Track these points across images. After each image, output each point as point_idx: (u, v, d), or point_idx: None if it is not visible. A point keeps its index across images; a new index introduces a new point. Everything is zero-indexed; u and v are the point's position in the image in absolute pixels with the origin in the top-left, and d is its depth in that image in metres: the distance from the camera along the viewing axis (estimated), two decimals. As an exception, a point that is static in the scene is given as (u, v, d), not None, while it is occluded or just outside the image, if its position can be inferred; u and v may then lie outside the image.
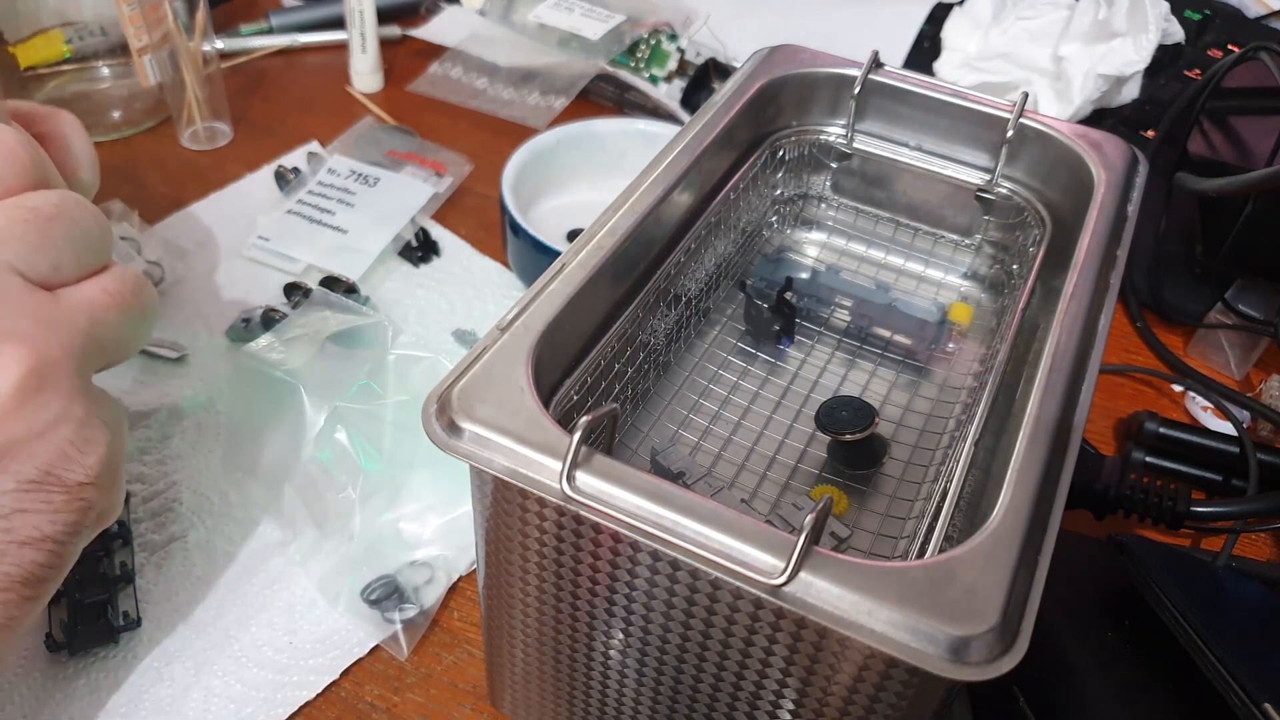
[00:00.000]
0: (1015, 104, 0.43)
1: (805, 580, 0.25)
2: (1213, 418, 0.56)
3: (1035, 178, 0.44)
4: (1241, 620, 0.38)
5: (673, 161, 0.39)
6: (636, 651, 0.31)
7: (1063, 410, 0.30)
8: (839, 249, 0.51)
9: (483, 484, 0.30)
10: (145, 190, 0.67)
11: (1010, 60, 0.74)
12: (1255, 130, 0.61)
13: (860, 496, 0.40)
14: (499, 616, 0.34)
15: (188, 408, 0.52)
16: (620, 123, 0.66)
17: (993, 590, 0.25)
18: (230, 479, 0.48)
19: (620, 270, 0.37)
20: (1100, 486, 0.46)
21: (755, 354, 0.46)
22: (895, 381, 0.45)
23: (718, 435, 0.42)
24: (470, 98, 0.79)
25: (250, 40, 0.83)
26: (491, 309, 0.60)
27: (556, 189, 0.65)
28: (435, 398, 0.29)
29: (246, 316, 0.58)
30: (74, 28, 0.70)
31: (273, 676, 0.42)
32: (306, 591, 0.45)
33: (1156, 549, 0.40)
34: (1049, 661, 0.35)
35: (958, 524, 0.34)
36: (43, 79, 0.71)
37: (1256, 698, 0.31)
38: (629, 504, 0.26)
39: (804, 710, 0.29)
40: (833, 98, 0.46)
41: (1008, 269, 0.47)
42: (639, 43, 0.79)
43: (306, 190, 0.66)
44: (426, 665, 0.43)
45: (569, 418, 0.34)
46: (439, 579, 0.45)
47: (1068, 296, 0.34)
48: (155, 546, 0.46)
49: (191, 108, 0.71)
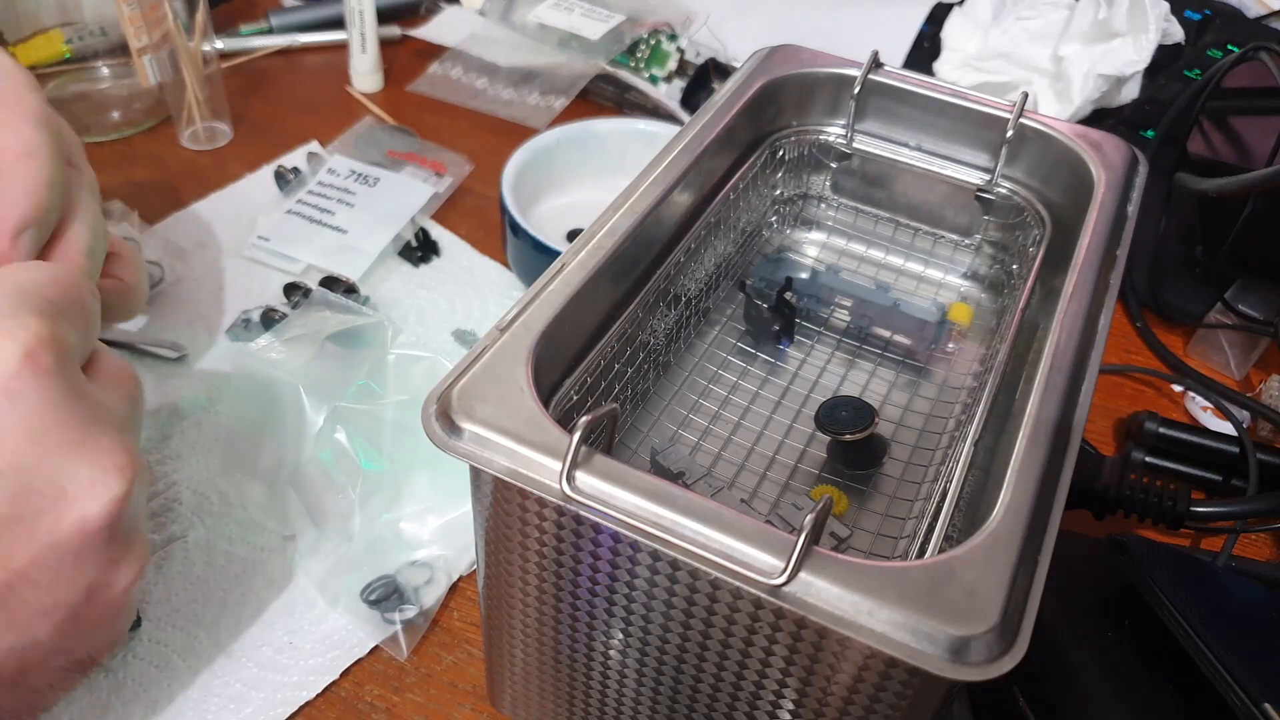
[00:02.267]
0: (1015, 104, 0.43)
1: (805, 580, 0.25)
2: (1213, 418, 0.56)
3: (1035, 178, 0.44)
4: (1241, 620, 0.38)
5: (673, 161, 0.39)
6: (636, 651, 0.31)
7: (1063, 410, 0.30)
8: (839, 249, 0.51)
9: (483, 484, 0.30)
10: (145, 190, 0.67)
11: (1010, 60, 0.74)
12: (1255, 130, 0.61)
13: (860, 496, 0.40)
14: (499, 616, 0.34)
15: (188, 408, 0.52)
16: (620, 123, 0.66)
17: (993, 590, 0.25)
18: (230, 479, 0.48)
19: (620, 270, 0.37)
20: (1100, 486, 0.46)
21: (755, 354, 0.46)
22: (895, 381, 0.45)
23: (718, 435, 0.42)
24: (470, 98, 0.79)
25: (250, 40, 0.83)
26: (491, 309, 0.60)
27: (556, 189, 0.65)
28: (435, 398, 0.29)
29: (246, 316, 0.58)
30: (74, 28, 0.70)
31: (273, 676, 0.42)
32: (306, 591, 0.45)
33: (1156, 549, 0.40)
34: (1049, 661, 0.35)
35: (958, 524, 0.34)
36: (43, 79, 0.71)
37: (1256, 698, 0.31)
38: (629, 504, 0.26)
39: (804, 710, 0.28)
40: (833, 98, 0.46)
41: (1008, 269, 0.47)
42: (639, 43, 0.79)
43: (306, 190, 0.66)
44: (426, 665, 0.43)
45: (569, 418, 0.34)
46: (439, 579, 0.45)
47: (1068, 296, 0.34)
48: (155, 546, 0.46)
49: (191, 108, 0.71)
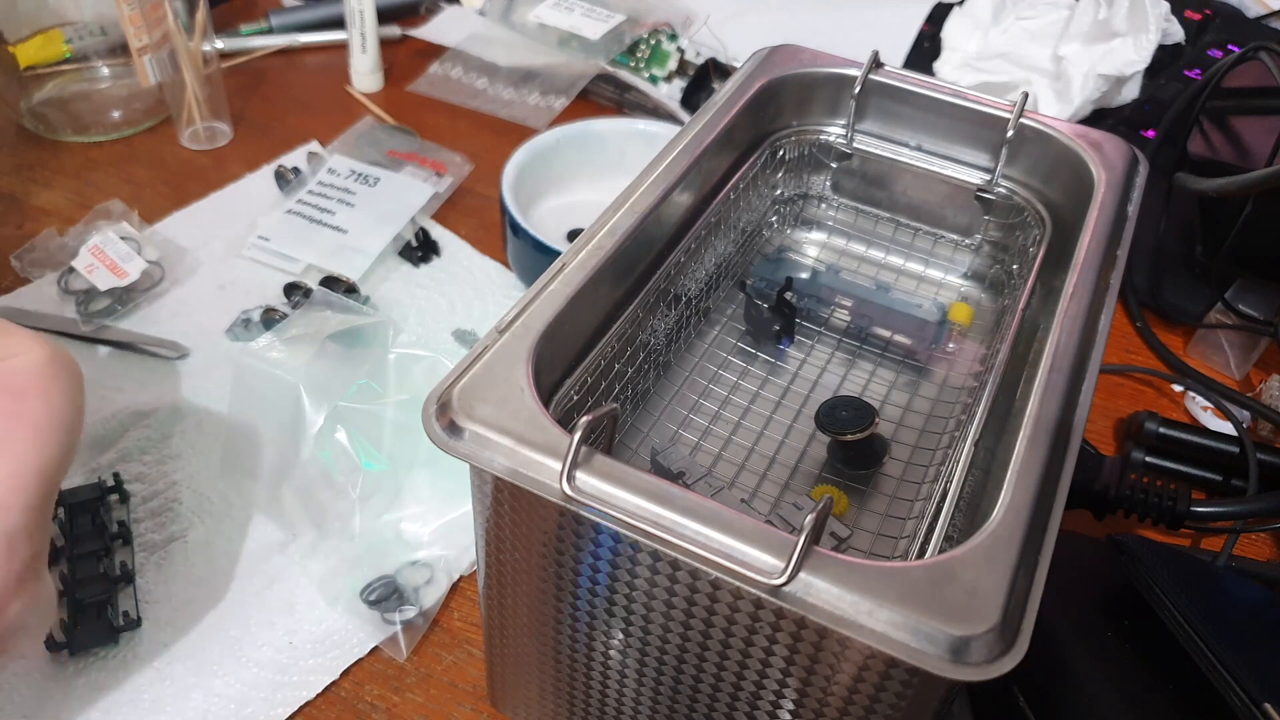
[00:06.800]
0: (1015, 104, 0.43)
1: (805, 580, 0.25)
2: (1213, 418, 0.56)
3: (1035, 178, 0.44)
4: (1241, 620, 0.38)
5: (673, 161, 0.39)
6: (636, 651, 0.31)
7: (1063, 410, 0.30)
8: (839, 249, 0.51)
9: (483, 484, 0.30)
10: (145, 190, 0.67)
11: (1010, 60, 0.74)
12: (1255, 130, 0.61)
13: (860, 496, 0.40)
14: (499, 616, 0.34)
15: (188, 408, 0.52)
16: (620, 123, 0.66)
17: (993, 590, 0.25)
18: (230, 479, 0.48)
19: (620, 270, 0.37)
20: (1100, 486, 0.46)
21: (755, 354, 0.46)
22: (895, 381, 0.45)
23: (718, 435, 0.42)
24: (470, 98, 0.79)
25: (250, 40, 0.83)
26: (491, 309, 0.60)
27: (556, 189, 0.65)
28: (435, 398, 0.29)
29: (246, 316, 0.58)
30: (74, 27, 0.70)
31: (273, 676, 0.42)
32: (306, 591, 0.45)
33: (1156, 549, 0.40)
34: (1049, 661, 0.35)
35: (958, 524, 0.34)
36: (43, 79, 0.71)
37: (1256, 698, 0.31)
38: (629, 504, 0.26)
39: (804, 710, 0.28)
40: (833, 98, 0.46)
41: (1008, 269, 0.47)
42: (639, 43, 0.79)
43: (306, 190, 0.66)
44: (426, 665, 0.43)
45: (569, 418, 0.34)
46: (439, 579, 0.45)
47: (1068, 296, 0.34)
48: (155, 546, 0.46)
49: (191, 107, 0.71)
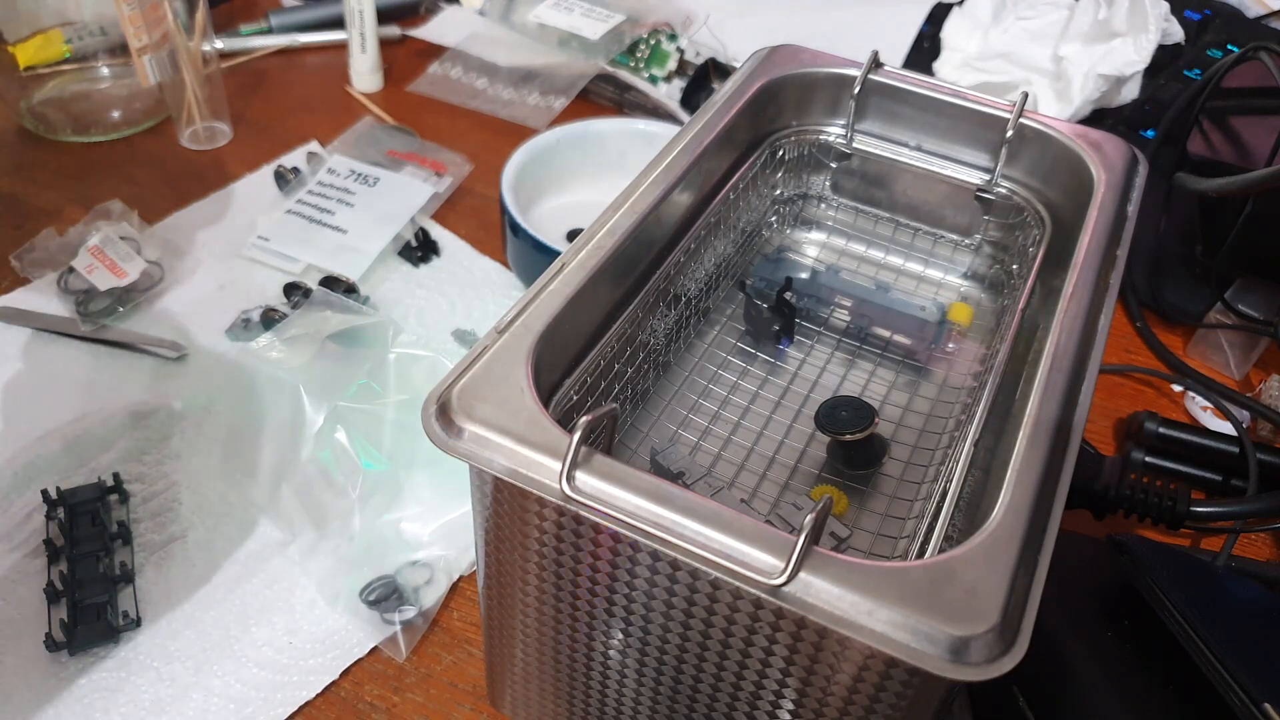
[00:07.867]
0: (1015, 104, 0.43)
1: (805, 580, 0.25)
2: (1212, 418, 0.56)
3: (1035, 178, 0.44)
4: (1241, 620, 0.38)
5: (673, 161, 0.39)
6: (636, 651, 0.31)
7: (1063, 410, 0.30)
8: (839, 249, 0.51)
9: (483, 484, 0.30)
10: (145, 190, 0.67)
11: (1010, 60, 0.74)
12: (1255, 130, 0.61)
13: (860, 496, 0.40)
14: (499, 616, 0.34)
15: (188, 408, 0.52)
16: (620, 123, 0.66)
17: (993, 590, 0.25)
18: (230, 479, 0.48)
19: (620, 270, 0.37)
20: (1100, 486, 0.46)
21: (755, 354, 0.46)
22: (895, 381, 0.45)
23: (717, 435, 0.42)
24: (470, 98, 0.79)
25: (250, 40, 0.83)
26: (491, 309, 0.60)
27: (556, 189, 0.65)
28: (435, 398, 0.29)
29: (246, 316, 0.58)
30: (74, 27, 0.70)
31: (273, 676, 0.42)
32: (306, 591, 0.45)
33: (1156, 549, 0.40)
34: (1049, 661, 0.35)
35: (958, 524, 0.34)
36: (42, 79, 0.71)
37: (1256, 698, 0.31)
38: (629, 504, 0.26)
39: (804, 710, 0.28)
40: (832, 98, 0.46)
41: (1008, 269, 0.47)
42: (639, 43, 0.79)
43: (306, 190, 0.66)
44: (426, 665, 0.43)
45: (569, 418, 0.34)
46: (439, 579, 0.45)
47: (1068, 296, 0.34)
48: (155, 546, 0.46)
49: (191, 107, 0.71)
